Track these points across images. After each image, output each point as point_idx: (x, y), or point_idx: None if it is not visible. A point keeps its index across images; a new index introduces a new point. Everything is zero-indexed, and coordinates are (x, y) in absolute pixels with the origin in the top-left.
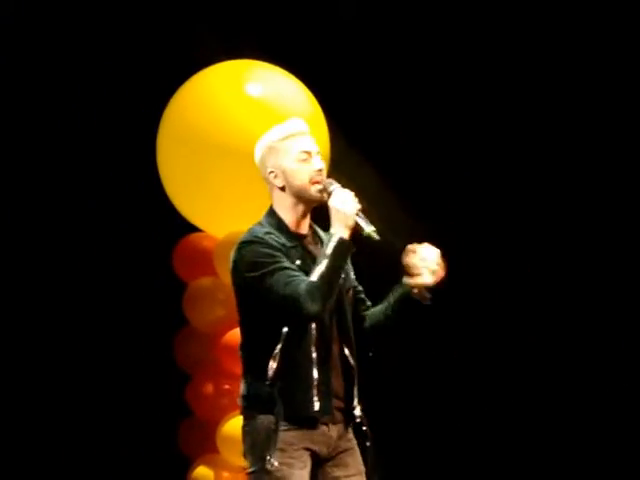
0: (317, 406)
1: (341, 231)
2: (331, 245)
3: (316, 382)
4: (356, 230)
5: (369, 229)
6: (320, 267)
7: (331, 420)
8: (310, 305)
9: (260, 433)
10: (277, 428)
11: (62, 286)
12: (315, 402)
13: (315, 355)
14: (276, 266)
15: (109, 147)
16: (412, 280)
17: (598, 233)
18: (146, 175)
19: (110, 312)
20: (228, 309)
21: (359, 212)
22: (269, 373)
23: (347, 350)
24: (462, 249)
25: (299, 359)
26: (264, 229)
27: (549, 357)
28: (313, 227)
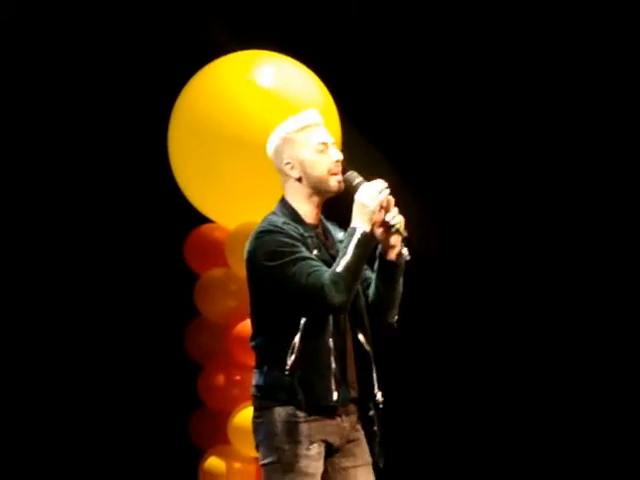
0: (335, 396)
1: (364, 225)
2: (355, 238)
3: (334, 372)
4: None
5: (404, 234)
6: (345, 258)
7: (345, 411)
8: (334, 296)
9: (276, 424)
10: (296, 419)
11: (74, 278)
12: (333, 392)
13: (332, 345)
14: (298, 255)
15: (121, 139)
16: (389, 244)
17: (598, 233)
18: (157, 166)
19: (122, 304)
20: (240, 300)
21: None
22: (288, 363)
23: (362, 336)
24: (462, 248)
25: (317, 349)
26: (281, 219)
27: (549, 357)
28: (322, 219)
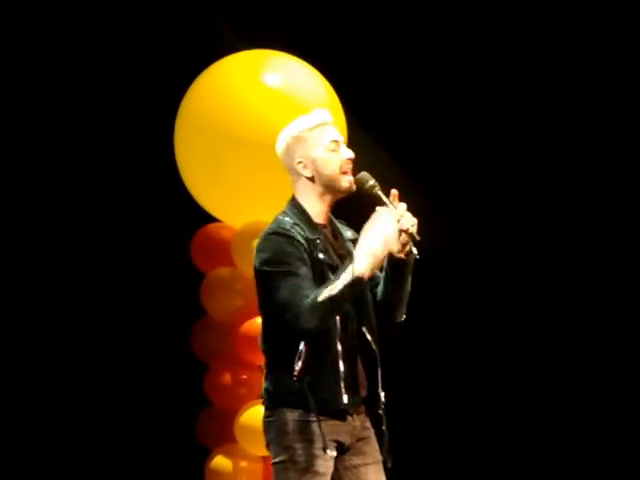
0: (345, 399)
1: (366, 270)
2: (350, 277)
3: (343, 375)
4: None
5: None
6: (331, 290)
7: (355, 411)
8: (307, 321)
9: (288, 424)
10: (308, 419)
11: (81, 278)
12: (343, 395)
13: (340, 348)
14: (290, 269)
15: (127, 138)
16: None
17: (598, 233)
18: (164, 165)
19: (128, 303)
20: (246, 299)
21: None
22: (296, 369)
23: (369, 336)
24: (465, 248)
25: (325, 353)
26: (291, 220)
27: (551, 356)
28: (331, 218)
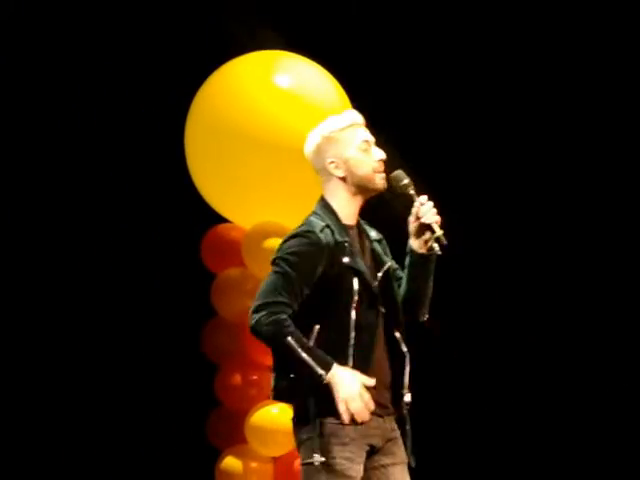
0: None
1: (327, 379)
2: (319, 364)
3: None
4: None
5: (438, 233)
6: (300, 348)
7: (386, 412)
8: (258, 325)
9: (324, 424)
10: (341, 423)
11: (92, 277)
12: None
13: (353, 350)
14: (288, 271)
15: (138, 138)
16: (421, 239)
17: (598, 233)
18: (174, 166)
19: (139, 303)
20: None
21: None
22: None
23: (398, 334)
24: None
25: (336, 355)
26: (322, 222)
27: (550, 356)
28: (358, 220)
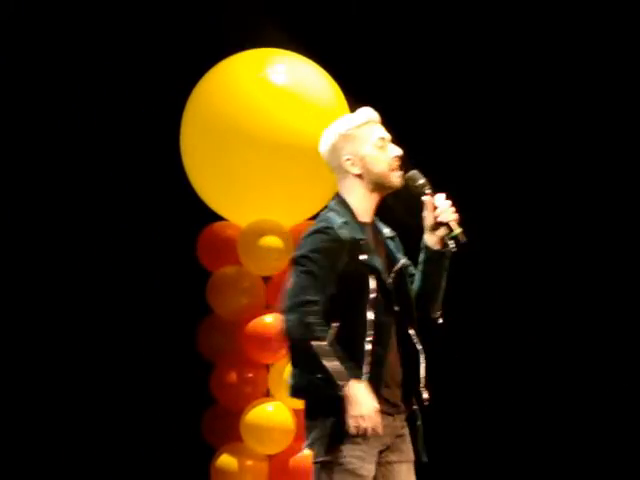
0: (388, 401)
1: (345, 391)
2: (341, 376)
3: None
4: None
5: (457, 231)
6: (327, 356)
7: (396, 410)
8: (289, 330)
9: (335, 425)
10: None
11: (86, 276)
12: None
13: (370, 348)
14: (312, 269)
15: (133, 136)
16: (436, 235)
17: (599, 233)
18: (170, 164)
19: (134, 301)
20: (252, 297)
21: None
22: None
23: (412, 331)
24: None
25: (352, 354)
26: (341, 219)
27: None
28: (373, 217)
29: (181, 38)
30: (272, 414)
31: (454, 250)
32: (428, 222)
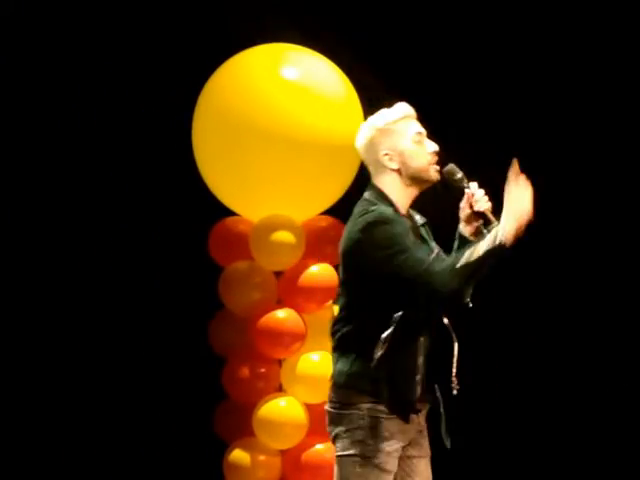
0: (419, 392)
1: (510, 237)
2: (491, 241)
3: (420, 372)
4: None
5: (495, 222)
6: (470, 256)
7: (423, 405)
8: (445, 284)
9: (361, 418)
10: (381, 415)
11: (99, 271)
12: (417, 392)
13: (422, 343)
14: (411, 245)
15: (145, 130)
16: (472, 225)
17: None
18: (182, 159)
19: (146, 296)
20: (264, 292)
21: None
22: (374, 358)
23: (446, 320)
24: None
25: (408, 348)
26: (389, 209)
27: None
28: (409, 211)
29: (193, 33)
30: (284, 409)
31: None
32: (465, 213)
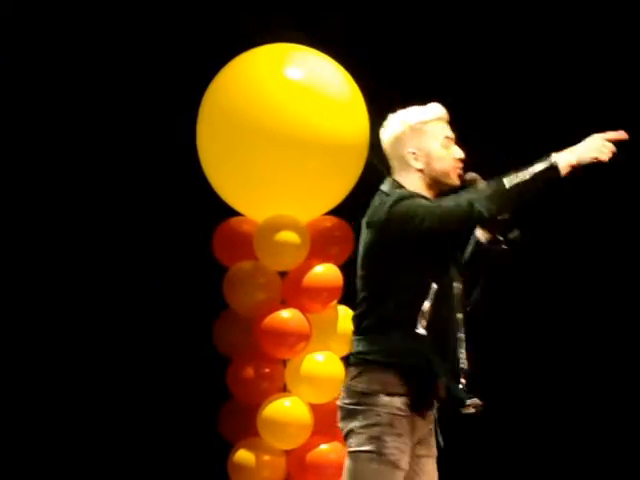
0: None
1: (564, 161)
2: (542, 165)
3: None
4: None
5: (515, 232)
6: (516, 177)
7: (435, 404)
8: (484, 207)
9: (380, 414)
10: (400, 413)
11: (104, 271)
12: (462, 359)
13: (460, 317)
14: (435, 204)
15: (150, 130)
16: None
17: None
18: (186, 158)
19: (150, 296)
20: (268, 293)
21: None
22: (419, 327)
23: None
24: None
25: (446, 321)
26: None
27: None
28: None
29: (198, 33)
30: (289, 409)
31: (504, 248)
32: None
